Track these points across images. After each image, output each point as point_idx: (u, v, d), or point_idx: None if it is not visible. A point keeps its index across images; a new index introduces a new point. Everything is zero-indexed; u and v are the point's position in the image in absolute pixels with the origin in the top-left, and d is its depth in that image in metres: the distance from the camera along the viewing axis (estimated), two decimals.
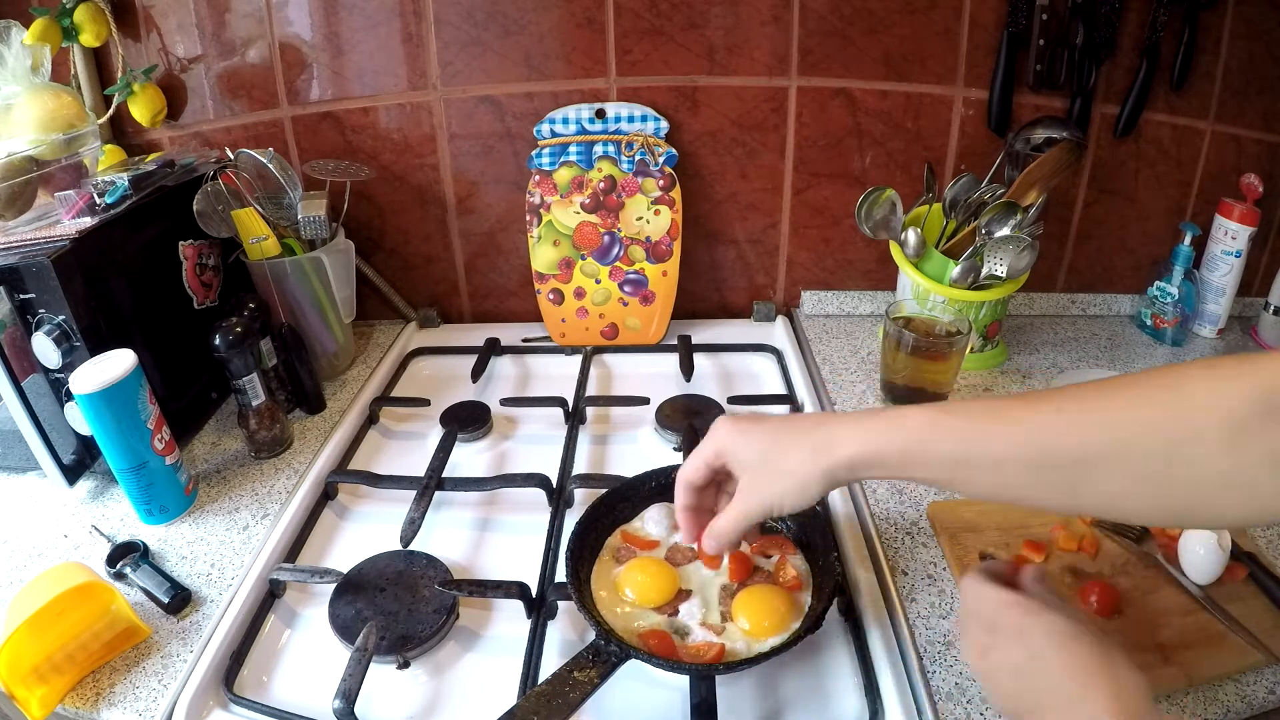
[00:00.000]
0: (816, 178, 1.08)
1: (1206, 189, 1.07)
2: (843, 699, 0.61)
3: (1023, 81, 1.00)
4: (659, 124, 1.02)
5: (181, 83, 1.05)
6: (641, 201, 1.04)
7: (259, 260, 0.92)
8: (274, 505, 0.81)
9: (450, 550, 0.75)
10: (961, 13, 0.97)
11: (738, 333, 1.12)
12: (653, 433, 0.91)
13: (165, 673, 0.63)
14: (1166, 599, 0.65)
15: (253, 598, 0.69)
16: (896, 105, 1.02)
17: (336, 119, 1.05)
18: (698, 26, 0.98)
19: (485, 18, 0.99)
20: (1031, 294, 1.15)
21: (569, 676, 0.54)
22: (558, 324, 1.10)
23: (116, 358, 0.73)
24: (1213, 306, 1.08)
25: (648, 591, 0.63)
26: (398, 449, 0.92)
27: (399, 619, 0.66)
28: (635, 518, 0.72)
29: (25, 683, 0.59)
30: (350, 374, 1.05)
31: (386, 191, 1.10)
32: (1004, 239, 0.92)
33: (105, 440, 0.73)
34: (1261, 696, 0.58)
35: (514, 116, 1.04)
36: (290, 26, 1.01)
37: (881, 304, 1.14)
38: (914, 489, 0.80)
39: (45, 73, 0.89)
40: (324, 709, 0.58)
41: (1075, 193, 1.08)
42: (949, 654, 0.62)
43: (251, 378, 0.85)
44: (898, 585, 0.69)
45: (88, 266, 0.76)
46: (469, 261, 1.15)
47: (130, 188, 0.84)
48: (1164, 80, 0.99)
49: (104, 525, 0.79)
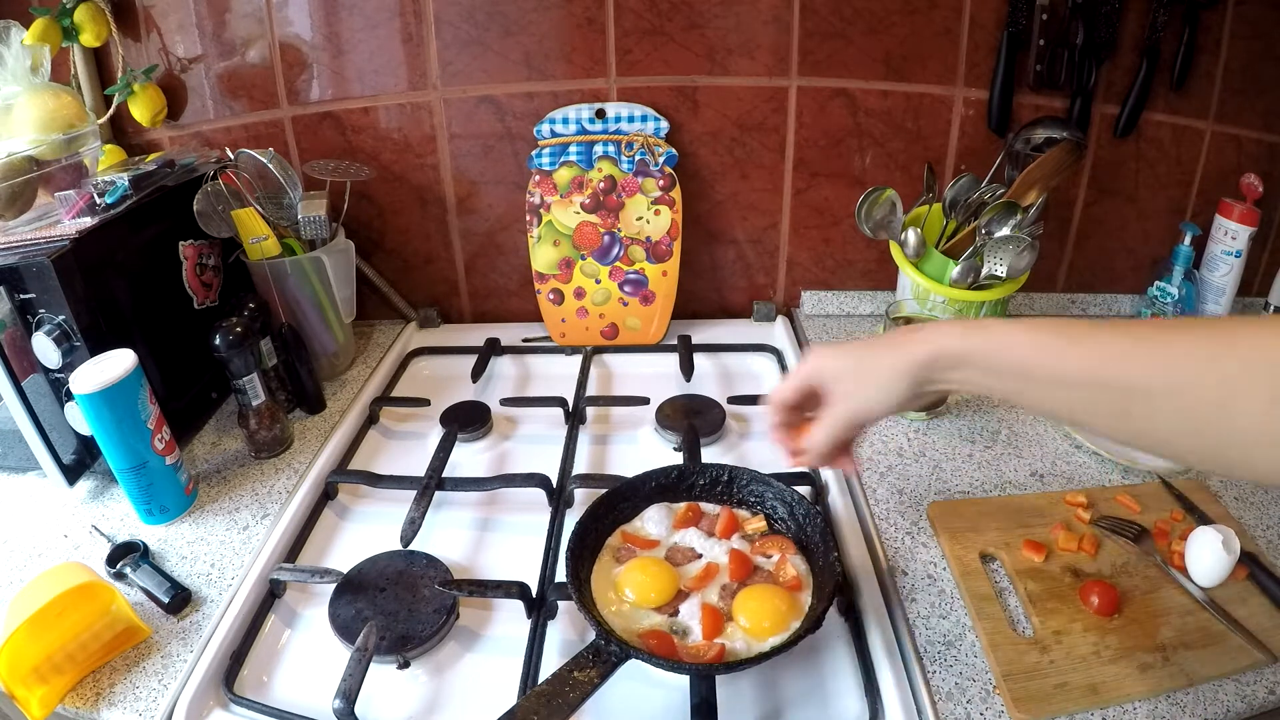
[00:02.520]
0: (816, 178, 1.08)
1: (1206, 189, 1.07)
2: (843, 699, 0.61)
3: (1023, 81, 1.00)
4: (659, 124, 1.02)
5: (182, 83, 1.05)
6: (641, 201, 1.04)
7: (259, 260, 0.92)
8: (274, 505, 0.81)
9: (450, 550, 0.75)
10: (961, 13, 0.97)
11: (738, 333, 1.12)
12: (653, 433, 0.91)
13: (165, 673, 0.63)
14: (1166, 599, 0.65)
15: (253, 598, 0.69)
16: (896, 105, 1.02)
17: (336, 119, 1.05)
18: (698, 26, 0.98)
19: (485, 18, 0.99)
20: (1031, 294, 1.15)
21: (569, 676, 0.54)
22: (558, 324, 1.10)
23: (116, 358, 0.73)
24: (1213, 306, 1.08)
25: (647, 591, 0.63)
26: (398, 449, 0.92)
27: (399, 619, 0.66)
28: (635, 518, 0.72)
29: (25, 683, 0.59)
30: (350, 374, 1.05)
31: (386, 191, 1.10)
32: (1004, 239, 0.92)
33: (105, 440, 0.73)
34: (1261, 696, 0.58)
35: (514, 116, 1.04)
36: (290, 26, 1.01)
37: (881, 304, 1.14)
38: (914, 488, 0.80)
39: (45, 73, 0.89)
40: (324, 709, 0.58)
41: (1075, 193, 1.08)
42: (949, 654, 0.62)
43: (251, 378, 0.85)
44: (898, 585, 0.69)
45: (88, 266, 0.76)
46: (469, 261, 1.15)
47: (130, 188, 0.84)
48: (1164, 80, 0.99)
49: (104, 525, 0.79)
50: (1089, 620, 0.63)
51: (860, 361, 0.57)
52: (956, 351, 0.51)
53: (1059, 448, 0.86)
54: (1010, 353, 0.50)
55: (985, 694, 0.59)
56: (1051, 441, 0.87)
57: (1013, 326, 0.50)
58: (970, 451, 0.86)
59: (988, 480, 0.81)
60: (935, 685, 0.60)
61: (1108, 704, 0.57)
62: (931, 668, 0.61)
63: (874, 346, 0.56)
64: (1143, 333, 0.46)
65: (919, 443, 0.87)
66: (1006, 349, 0.50)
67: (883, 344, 0.56)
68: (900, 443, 0.87)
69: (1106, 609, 0.64)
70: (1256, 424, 0.40)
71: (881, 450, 0.86)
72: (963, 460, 0.84)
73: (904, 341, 0.54)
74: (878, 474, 0.83)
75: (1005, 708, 0.58)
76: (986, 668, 0.61)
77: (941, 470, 0.83)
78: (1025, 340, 0.49)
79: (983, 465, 0.84)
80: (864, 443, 0.87)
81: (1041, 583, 0.67)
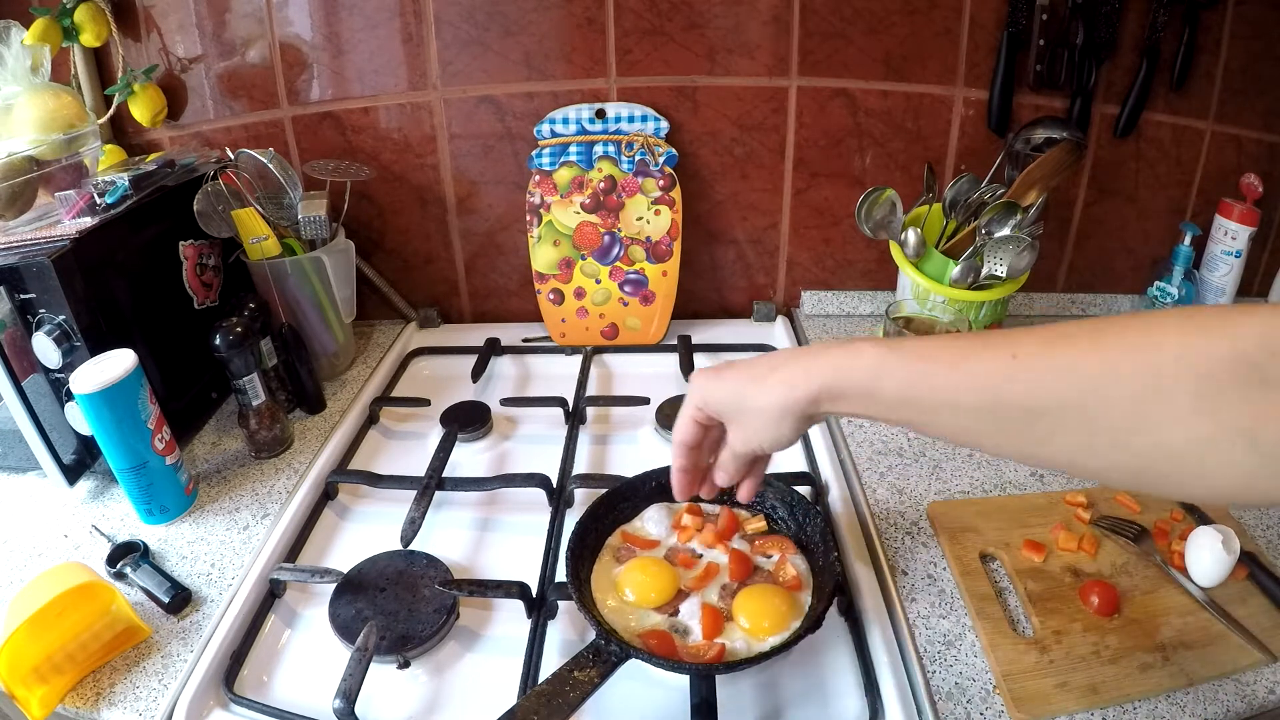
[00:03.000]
0: (816, 178, 1.08)
1: (1206, 189, 1.07)
2: (843, 699, 0.61)
3: (1023, 81, 1.00)
4: (659, 124, 1.02)
5: (182, 83, 1.05)
6: (641, 201, 1.04)
7: (259, 260, 0.92)
8: (274, 505, 0.81)
9: (450, 550, 0.75)
10: (961, 13, 0.97)
11: (738, 333, 1.12)
12: (653, 433, 0.91)
13: (165, 673, 0.63)
14: (1166, 599, 0.65)
15: (253, 598, 0.69)
16: (896, 105, 1.02)
17: (337, 119, 1.05)
18: (698, 26, 0.98)
19: (485, 18, 0.99)
20: (1031, 294, 1.15)
21: (569, 676, 0.54)
22: (558, 324, 1.10)
23: (117, 358, 0.73)
24: None
25: (648, 591, 0.63)
26: (398, 449, 0.92)
27: (399, 619, 0.66)
28: (635, 517, 0.72)
29: (25, 682, 0.59)
30: (350, 374, 1.05)
31: (386, 191, 1.10)
32: (1004, 239, 0.92)
33: (105, 440, 0.73)
34: (1261, 696, 0.58)
35: (514, 116, 1.04)
36: (290, 26, 1.01)
37: (881, 304, 1.14)
38: (914, 488, 0.80)
39: (45, 73, 0.89)
40: (324, 709, 0.58)
41: (1075, 193, 1.08)
42: (949, 654, 0.62)
43: (252, 378, 0.85)
44: (898, 585, 0.69)
45: (88, 266, 0.76)
46: (469, 261, 1.15)
47: (130, 188, 0.84)
48: (1164, 80, 0.99)
49: (104, 525, 0.79)
50: (1089, 620, 0.63)
51: (743, 397, 0.53)
52: (833, 387, 0.48)
53: None
54: (888, 382, 0.46)
55: (985, 694, 0.59)
56: None
57: (887, 353, 0.46)
58: (970, 451, 0.86)
59: (988, 480, 0.81)
60: (935, 685, 0.60)
61: (1108, 704, 0.57)
62: (931, 668, 0.61)
63: (755, 377, 0.52)
64: (1039, 344, 0.41)
65: (919, 443, 0.87)
66: (884, 378, 0.46)
67: (762, 373, 0.52)
68: (900, 443, 0.87)
69: (1106, 609, 0.64)
70: (1179, 433, 0.36)
71: (881, 450, 0.86)
72: (963, 460, 0.84)
73: (784, 375, 0.50)
74: (878, 474, 0.83)
75: (1005, 708, 0.58)
76: (986, 667, 0.61)
77: (941, 470, 0.83)
78: (904, 367, 0.45)
79: (983, 465, 0.84)
80: (864, 443, 0.87)
81: (1041, 583, 0.67)
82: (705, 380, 0.56)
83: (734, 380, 0.54)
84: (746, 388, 0.53)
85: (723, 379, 0.55)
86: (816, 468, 0.84)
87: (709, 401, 0.56)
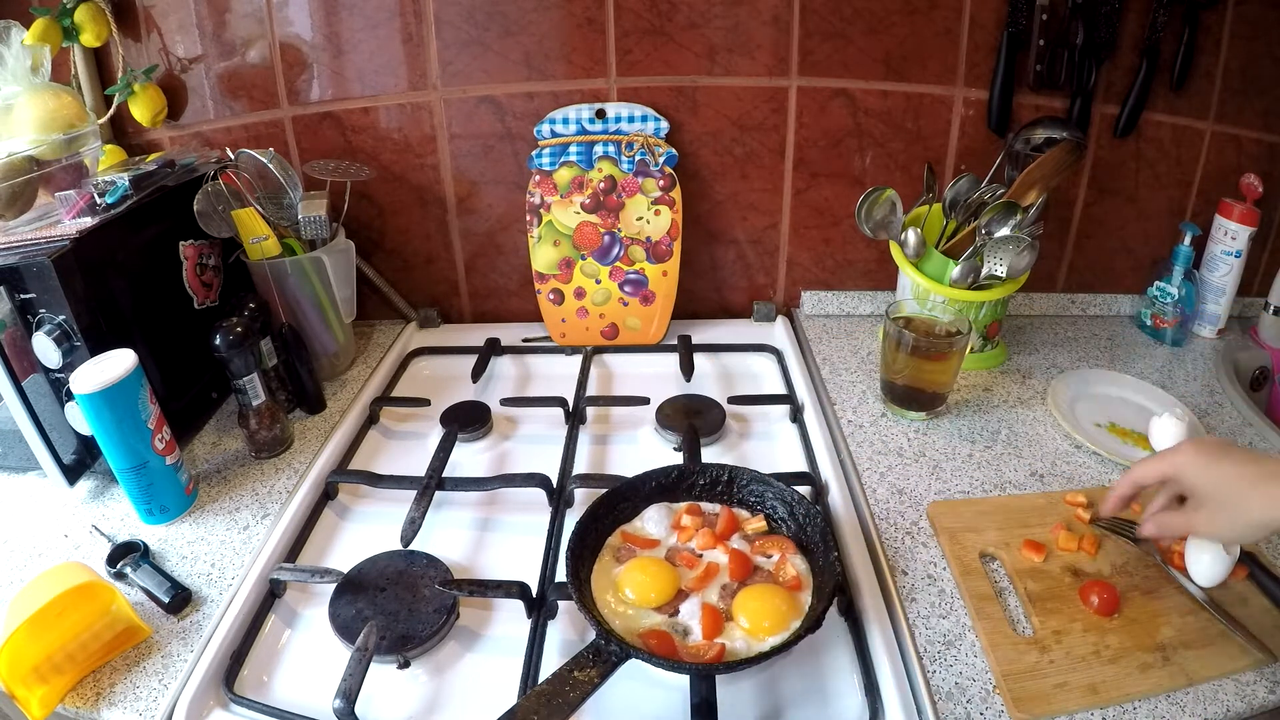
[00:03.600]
0: (816, 178, 1.08)
1: (1206, 189, 1.07)
2: (843, 699, 0.61)
3: (1023, 81, 1.00)
4: (659, 124, 1.02)
5: (182, 83, 1.05)
6: (641, 201, 1.04)
7: (259, 260, 0.92)
8: (274, 505, 0.81)
9: (450, 550, 0.75)
10: (961, 13, 0.97)
11: (738, 333, 1.12)
12: (653, 433, 0.91)
13: (165, 672, 0.63)
14: (1166, 599, 0.65)
15: (253, 598, 0.69)
16: (896, 105, 1.02)
17: (337, 119, 1.05)
18: (698, 27, 0.98)
19: (485, 18, 0.99)
20: (1031, 294, 1.15)
21: (569, 676, 0.54)
22: (558, 324, 1.10)
23: (117, 358, 0.73)
24: (1213, 306, 1.08)
25: (648, 591, 0.63)
26: (398, 449, 0.92)
27: (399, 619, 0.66)
28: (635, 517, 0.72)
29: (25, 682, 0.59)
30: (350, 374, 1.05)
31: (386, 191, 1.10)
32: (1004, 239, 0.92)
33: (105, 440, 0.73)
34: (1261, 696, 0.58)
35: (514, 116, 1.04)
36: (290, 27, 1.01)
37: (881, 304, 1.14)
38: (914, 488, 0.80)
39: (45, 73, 0.89)
40: (324, 709, 0.58)
41: (1075, 193, 1.08)
42: (949, 654, 0.62)
43: (252, 378, 0.85)
44: (898, 585, 0.69)
45: (88, 266, 0.76)
46: (469, 261, 1.15)
47: (130, 188, 0.84)
48: (1164, 80, 0.99)
49: (104, 525, 0.79)
50: (1089, 620, 0.63)
51: (1229, 493, 0.56)
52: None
53: (1059, 448, 0.86)
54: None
55: (985, 694, 0.59)
56: (1051, 441, 0.87)
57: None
58: (970, 451, 0.86)
59: (987, 480, 0.81)
60: (935, 685, 0.60)
61: (1107, 704, 0.57)
62: (931, 668, 0.61)
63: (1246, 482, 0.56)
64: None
65: (919, 443, 0.87)
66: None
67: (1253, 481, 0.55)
68: (900, 443, 0.87)
69: (1106, 609, 0.64)
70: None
71: (881, 450, 0.86)
72: (962, 460, 0.84)
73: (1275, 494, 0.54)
74: (878, 474, 0.83)
75: (1005, 707, 0.58)
76: (986, 667, 0.61)
77: (941, 470, 0.83)
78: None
79: (982, 465, 0.84)
80: (864, 443, 0.87)
81: (1041, 582, 0.67)
82: (1196, 455, 0.58)
83: (1223, 476, 0.57)
84: (1237, 486, 0.56)
85: (1212, 469, 0.58)
86: (816, 468, 0.84)
87: (1186, 475, 0.58)
